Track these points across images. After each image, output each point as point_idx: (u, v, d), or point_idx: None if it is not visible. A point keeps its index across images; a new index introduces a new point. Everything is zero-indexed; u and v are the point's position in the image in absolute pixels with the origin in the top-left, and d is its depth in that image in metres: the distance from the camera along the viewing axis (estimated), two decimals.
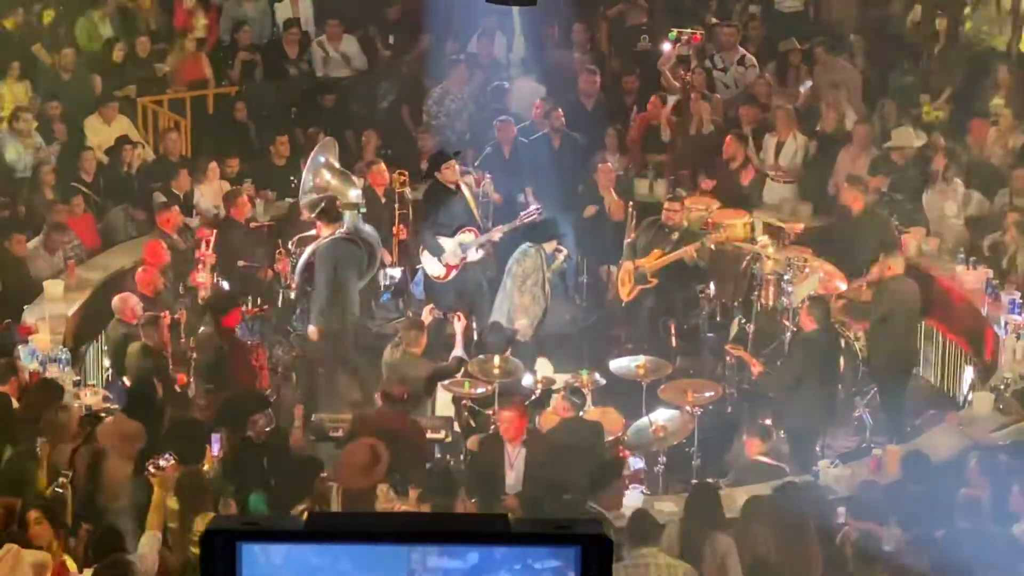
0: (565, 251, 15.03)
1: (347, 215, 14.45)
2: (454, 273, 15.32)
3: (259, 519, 4.35)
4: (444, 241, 15.24)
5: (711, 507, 10.53)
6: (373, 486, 10.98)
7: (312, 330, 14.32)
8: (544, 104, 17.25)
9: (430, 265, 15.40)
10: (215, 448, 11.31)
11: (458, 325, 13.63)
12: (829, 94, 17.63)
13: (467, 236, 15.26)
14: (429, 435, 12.50)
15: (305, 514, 4.35)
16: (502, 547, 4.26)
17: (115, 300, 13.74)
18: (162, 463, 10.24)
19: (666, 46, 17.60)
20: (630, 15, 19.71)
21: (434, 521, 5.18)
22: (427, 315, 13.82)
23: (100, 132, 17.36)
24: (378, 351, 14.00)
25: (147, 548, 9.79)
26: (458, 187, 15.35)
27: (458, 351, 13.37)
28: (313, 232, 14.67)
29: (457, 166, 15.42)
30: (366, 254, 14.55)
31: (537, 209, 15.39)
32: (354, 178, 15.09)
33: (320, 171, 14.78)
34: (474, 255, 15.26)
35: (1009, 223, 15.14)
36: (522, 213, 15.35)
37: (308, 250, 14.53)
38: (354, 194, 14.64)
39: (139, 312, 13.40)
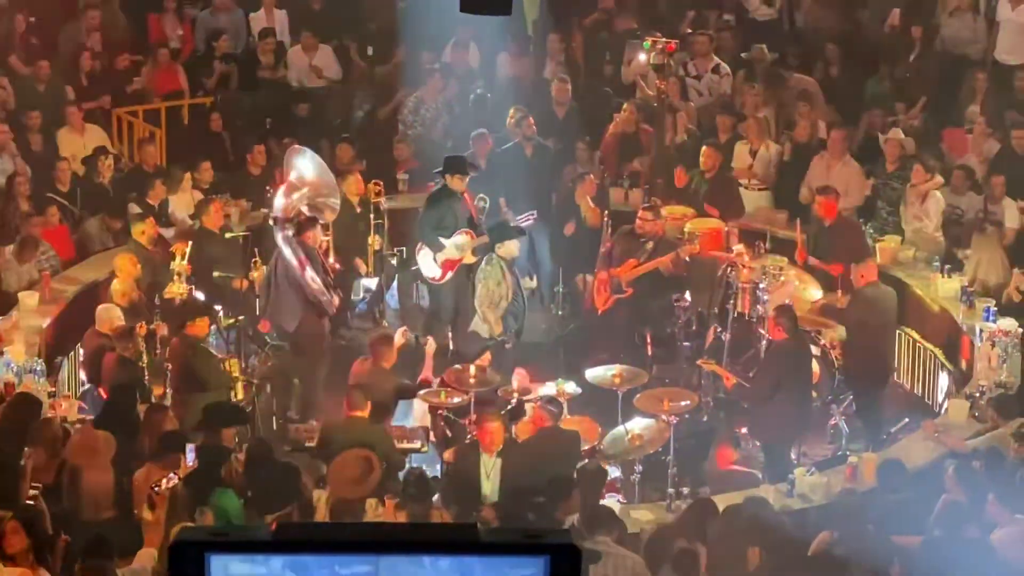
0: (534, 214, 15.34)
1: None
2: (449, 275, 15.28)
3: (228, 530, 4.33)
4: (442, 240, 15.22)
5: (702, 521, 10.58)
6: (365, 497, 10.98)
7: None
8: (516, 113, 17.23)
9: (426, 267, 15.35)
10: (190, 458, 11.27)
11: (429, 348, 13.70)
12: (798, 105, 17.65)
13: (463, 237, 15.23)
14: (405, 445, 12.51)
15: (274, 524, 4.34)
16: (473, 556, 4.25)
17: (99, 309, 13.70)
18: (164, 483, 10.20)
19: (640, 55, 17.61)
20: (605, 24, 19.71)
21: (403, 531, 5.17)
22: (400, 337, 13.73)
23: (74, 143, 17.30)
24: (347, 362, 13.92)
25: (144, 563, 9.76)
26: (463, 194, 15.36)
27: (427, 373, 13.45)
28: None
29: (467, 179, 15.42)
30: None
31: (532, 214, 15.45)
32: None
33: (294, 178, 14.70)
34: (470, 257, 15.18)
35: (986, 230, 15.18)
36: (519, 218, 15.33)
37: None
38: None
39: (118, 323, 13.36)
